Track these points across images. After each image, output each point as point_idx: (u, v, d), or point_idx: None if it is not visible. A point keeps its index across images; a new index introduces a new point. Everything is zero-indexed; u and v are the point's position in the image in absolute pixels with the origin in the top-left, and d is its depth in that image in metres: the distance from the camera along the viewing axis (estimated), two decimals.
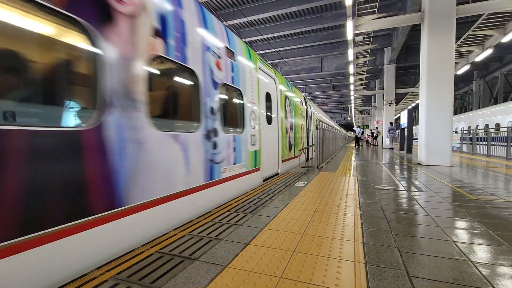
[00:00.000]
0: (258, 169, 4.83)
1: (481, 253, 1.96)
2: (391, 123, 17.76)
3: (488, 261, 1.83)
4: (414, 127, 17.15)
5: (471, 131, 14.12)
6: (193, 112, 3.11)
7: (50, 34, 1.72)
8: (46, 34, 1.70)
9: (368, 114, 38.67)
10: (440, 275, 1.64)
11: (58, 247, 1.63)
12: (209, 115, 3.26)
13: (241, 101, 4.31)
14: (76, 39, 1.83)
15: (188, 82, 3.07)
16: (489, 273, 1.66)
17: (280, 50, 18.04)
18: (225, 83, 3.70)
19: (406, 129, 13.49)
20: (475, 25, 9.96)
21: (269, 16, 13.80)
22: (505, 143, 9.73)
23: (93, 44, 1.88)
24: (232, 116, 4.14)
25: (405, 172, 6.43)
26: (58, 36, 1.76)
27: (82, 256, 1.80)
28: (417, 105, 20.21)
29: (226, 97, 3.92)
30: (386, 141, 18.44)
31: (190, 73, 3.01)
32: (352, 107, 30.08)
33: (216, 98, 3.44)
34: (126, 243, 2.12)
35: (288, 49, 18.36)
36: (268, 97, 5.60)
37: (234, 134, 3.96)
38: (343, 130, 29.28)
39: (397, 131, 18.04)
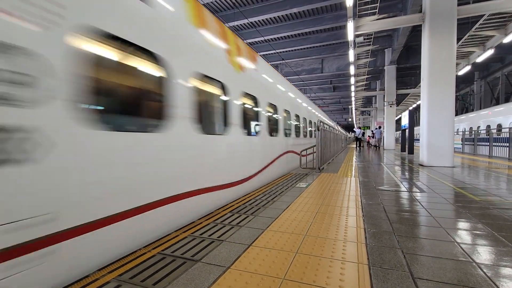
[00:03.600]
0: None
1: (485, 254, 1.94)
2: (379, 127, 21.33)
3: (493, 262, 1.82)
4: (415, 128, 17.13)
5: (473, 132, 14.08)
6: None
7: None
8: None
9: (369, 115, 38.62)
10: (445, 277, 1.62)
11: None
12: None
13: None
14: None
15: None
16: (494, 275, 1.65)
17: (281, 52, 18.06)
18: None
19: (407, 130, 13.45)
20: (476, 25, 9.94)
21: (270, 18, 13.84)
22: (507, 144, 9.69)
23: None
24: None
25: (407, 173, 6.41)
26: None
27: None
28: (418, 106, 20.17)
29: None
30: (373, 140, 21.71)
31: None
32: (353, 108, 30.04)
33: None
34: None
35: (289, 51, 18.38)
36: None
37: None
38: (342, 131, 29.09)
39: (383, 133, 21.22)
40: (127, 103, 2.33)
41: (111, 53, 2.08)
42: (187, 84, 2.85)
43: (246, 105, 4.54)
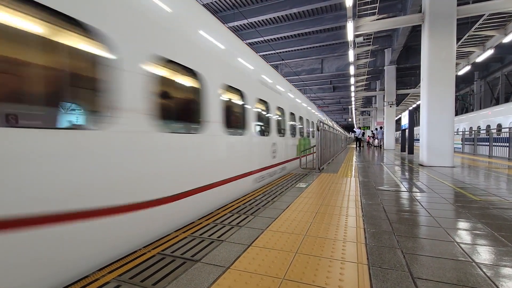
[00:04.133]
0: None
1: (485, 254, 1.94)
2: (381, 127, 21.81)
3: (493, 262, 1.82)
4: (415, 128, 17.14)
5: (473, 132, 14.08)
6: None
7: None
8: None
9: (369, 115, 38.62)
10: (444, 276, 1.62)
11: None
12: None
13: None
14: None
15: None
16: (493, 274, 1.65)
17: (280, 52, 18.07)
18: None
19: (407, 130, 13.45)
20: (476, 25, 9.95)
21: (270, 18, 13.85)
22: (507, 144, 9.69)
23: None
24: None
25: (407, 173, 6.41)
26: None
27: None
28: (418, 106, 20.20)
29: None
30: (376, 141, 22.37)
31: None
32: (353, 108, 30.04)
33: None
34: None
35: (289, 51, 18.39)
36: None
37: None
38: (341, 130, 28.99)
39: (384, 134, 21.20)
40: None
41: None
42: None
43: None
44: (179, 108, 3.09)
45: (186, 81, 3.07)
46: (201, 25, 3.36)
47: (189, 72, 3.00)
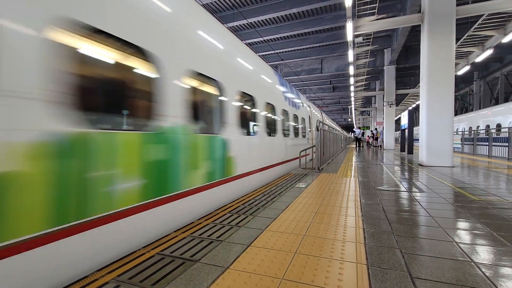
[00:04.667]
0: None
1: (484, 254, 1.94)
2: (375, 129, 23.54)
3: (491, 262, 1.82)
4: (415, 128, 17.15)
5: (472, 132, 14.09)
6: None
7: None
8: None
9: (369, 115, 38.65)
10: (443, 276, 1.62)
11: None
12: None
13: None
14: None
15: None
16: (492, 274, 1.65)
17: (280, 52, 18.08)
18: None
19: (407, 130, 13.46)
20: (475, 25, 9.96)
21: (269, 18, 13.85)
22: (507, 144, 9.70)
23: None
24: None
25: (406, 173, 6.41)
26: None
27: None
28: (418, 106, 20.21)
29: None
30: (378, 141, 23.20)
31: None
32: (353, 108, 30.07)
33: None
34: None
35: (288, 51, 18.39)
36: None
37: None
38: (339, 129, 28.89)
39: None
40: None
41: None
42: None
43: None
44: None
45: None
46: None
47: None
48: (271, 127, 5.80)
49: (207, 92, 3.58)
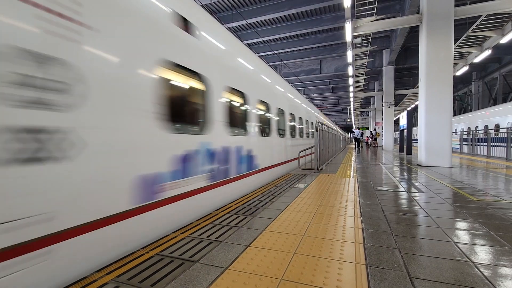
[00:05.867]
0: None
1: (483, 254, 1.95)
2: (375, 129, 24.27)
3: (490, 262, 1.83)
4: (413, 129, 17.19)
5: (471, 132, 14.13)
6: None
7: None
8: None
9: (368, 115, 38.71)
10: (442, 276, 1.63)
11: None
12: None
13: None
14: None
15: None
16: (490, 274, 1.66)
17: (279, 52, 18.10)
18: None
19: (405, 131, 13.50)
20: (474, 26, 10.00)
21: (268, 19, 13.86)
22: (505, 144, 9.74)
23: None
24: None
25: (405, 173, 6.43)
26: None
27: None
28: (417, 107, 20.27)
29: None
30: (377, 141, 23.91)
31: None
32: (352, 109, 30.11)
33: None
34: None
35: (287, 51, 18.42)
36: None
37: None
38: (339, 129, 28.85)
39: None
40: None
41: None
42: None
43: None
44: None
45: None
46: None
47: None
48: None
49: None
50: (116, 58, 2.04)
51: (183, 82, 2.99)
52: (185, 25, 2.93)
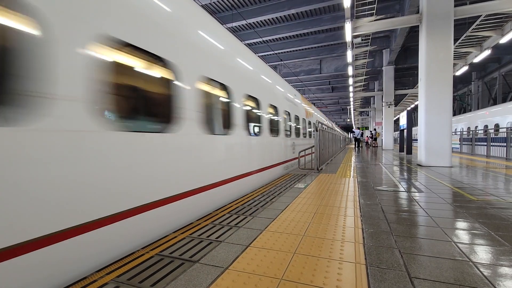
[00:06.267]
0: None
1: (482, 253, 1.95)
2: (374, 129, 24.55)
3: (489, 261, 1.83)
4: (413, 128, 17.21)
5: (471, 132, 14.14)
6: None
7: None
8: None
9: (368, 115, 38.72)
10: (442, 276, 1.63)
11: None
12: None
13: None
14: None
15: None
16: (490, 274, 1.66)
17: (279, 52, 18.10)
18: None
19: (405, 131, 13.50)
20: (473, 26, 10.00)
21: (268, 19, 13.87)
22: (505, 144, 9.74)
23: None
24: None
25: (405, 173, 6.43)
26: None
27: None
28: (417, 106, 20.28)
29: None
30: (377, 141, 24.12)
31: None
32: (352, 109, 30.12)
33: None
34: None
35: (287, 51, 18.42)
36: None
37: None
38: (338, 129, 28.57)
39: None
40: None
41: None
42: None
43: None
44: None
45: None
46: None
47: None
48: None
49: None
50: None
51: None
52: None
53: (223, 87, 3.86)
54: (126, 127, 2.17)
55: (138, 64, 2.42)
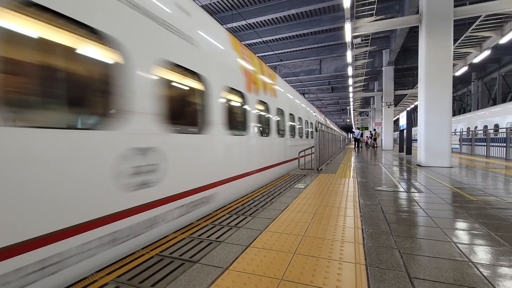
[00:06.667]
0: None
1: (482, 254, 1.96)
2: (374, 129, 24.73)
3: (489, 262, 1.83)
4: (413, 129, 17.23)
5: (470, 132, 14.15)
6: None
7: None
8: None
9: (367, 115, 38.72)
10: (441, 276, 1.63)
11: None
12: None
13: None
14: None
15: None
16: (490, 274, 1.66)
17: (279, 53, 18.11)
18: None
19: (405, 131, 13.51)
20: (473, 26, 10.01)
21: (268, 19, 13.87)
22: (504, 144, 9.75)
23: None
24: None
25: (405, 174, 6.43)
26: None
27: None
28: (416, 107, 20.29)
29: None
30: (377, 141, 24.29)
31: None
32: (351, 109, 30.13)
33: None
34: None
35: (287, 52, 18.43)
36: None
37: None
38: (336, 128, 28.38)
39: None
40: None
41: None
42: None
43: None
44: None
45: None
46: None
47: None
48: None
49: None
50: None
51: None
52: None
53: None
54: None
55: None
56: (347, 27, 8.56)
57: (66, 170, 1.69)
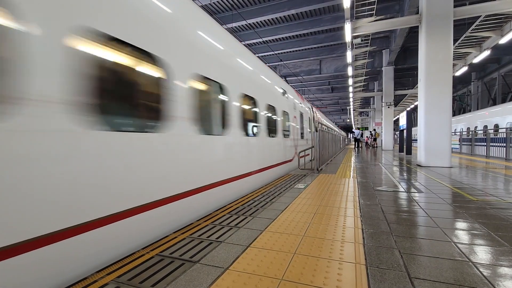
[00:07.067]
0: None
1: (482, 254, 1.96)
2: (374, 129, 24.78)
3: (489, 262, 1.83)
4: (413, 129, 17.24)
5: (470, 132, 14.16)
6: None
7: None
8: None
9: (367, 116, 38.74)
10: (441, 276, 1.64)
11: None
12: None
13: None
14: None
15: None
16: (490, 274, 1.66)
17: (279, 53, 18.11)
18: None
19: (405, 131, 13.51)
20: (473, 26, 10.01)
21: (268, 19, 13.87)
22: (504, 144, 9.76)
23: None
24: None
25: (405, 174, 6.44)
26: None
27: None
28: (416, 107, 20.29)
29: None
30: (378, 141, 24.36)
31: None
32: (351, 109, 30.14)
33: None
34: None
35: (287, 52, 18.43)
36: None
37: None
38: (335, 127, 28.08)
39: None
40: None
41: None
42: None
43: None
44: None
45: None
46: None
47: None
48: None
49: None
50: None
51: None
52: None
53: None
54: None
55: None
56: (347, 27, 8.56)
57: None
